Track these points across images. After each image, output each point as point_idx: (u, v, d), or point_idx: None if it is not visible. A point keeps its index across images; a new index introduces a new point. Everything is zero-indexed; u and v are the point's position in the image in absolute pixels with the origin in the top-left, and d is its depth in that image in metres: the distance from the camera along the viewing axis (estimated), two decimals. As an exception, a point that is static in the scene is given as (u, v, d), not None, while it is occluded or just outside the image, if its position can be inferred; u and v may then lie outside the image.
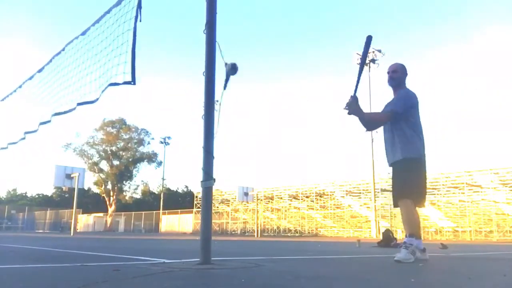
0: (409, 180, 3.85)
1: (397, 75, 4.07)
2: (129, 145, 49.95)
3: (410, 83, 4.08)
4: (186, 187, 67.21)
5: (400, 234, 18.44)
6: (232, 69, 3.21)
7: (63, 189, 50.43)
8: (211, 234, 3.02)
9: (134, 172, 51.40)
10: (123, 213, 48.86)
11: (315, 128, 79.42)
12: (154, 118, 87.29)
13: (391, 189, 4.10)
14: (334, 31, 72.80)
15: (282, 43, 76.06)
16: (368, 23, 66.46)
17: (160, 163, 50.02)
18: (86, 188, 51.80)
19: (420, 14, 65.12)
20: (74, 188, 20.24)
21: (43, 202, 60.15)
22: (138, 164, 51.06)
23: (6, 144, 5.86)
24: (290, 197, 36.78)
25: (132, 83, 3.11)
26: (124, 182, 50.92)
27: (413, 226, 3.75)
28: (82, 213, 46.97)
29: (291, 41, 73.99)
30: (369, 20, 66.93)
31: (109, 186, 49.60)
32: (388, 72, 4.13)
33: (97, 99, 3.42)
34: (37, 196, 67.81)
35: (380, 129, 4.22)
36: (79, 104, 3.66)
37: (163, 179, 49.61)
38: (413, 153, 3.86)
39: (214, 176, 3.05)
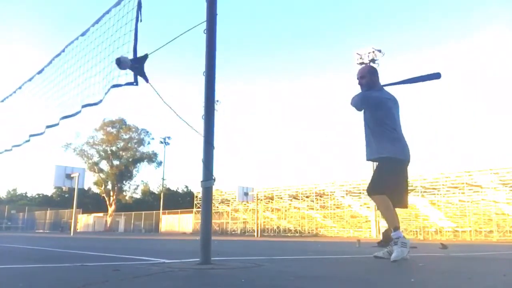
0: (384, 178, 3.83)
1: (364, 80, 4.04)
2: (129, 145, 49.92)
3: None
4: (186, 187, 67.29)
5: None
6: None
7: (63, 189, 50.49)
8: (211, 234, 3.02)
9: (134, 172, 51.41)
10: (123, 213, 48.85)
11: (315, 128, 79.45)
12: (154, 118, 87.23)
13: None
14: (333, 31, 72.79)
15: (283, 42, 76.09)
16: (368, 22, 66.53)
17: (160, 163, 50.04)
18: (86, 188, 51.82)
19: (419, 14, 65.11)
20: (74, 188, 20.25)
21: (43, 202, 60.15)
22: (138, 164, 51.06)
23: (10, 146, 5.85)
24: (290, 197, 36.78)
25: (134, 83, 3.11)
26: (124, 182, 50.92)
27: (394, 219, 3.73)
28: (82, 213, 46.98)
29: (292, 40, 74.03)
30: (369, 20, 66.97)
31: (109, 186, 49.58)
32: (357, 79, 4.11)
33: (101, 100, 3.42)
34: (37, 196, 67.83)
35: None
36: (83, 106, 3.66)
37: (163, 179, 49.63)
38: (387, 152, 3.85)
39: (214, 175, 3.05)
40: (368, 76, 4.04)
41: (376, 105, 3.97)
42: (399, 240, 3.58)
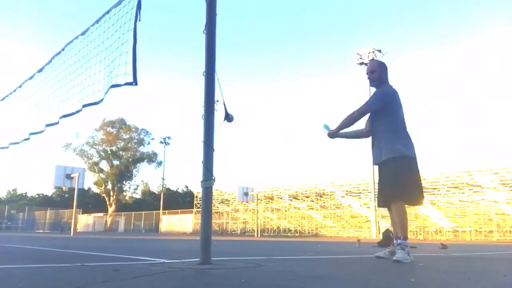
0: (399, 180, 3.74)
1: (375, 75, 4.01)
2: (129, 145, 49.92)
3: (410, 83, 4.04)
4: (186, 187, 67.29)
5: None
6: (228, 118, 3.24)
7: (63, 189, 50.41)
8: (211, 234, 3.02)
9: (134, 172, 51.39)
10: (123, 213, 48.85)
11: (316, 127, 79.27)
12: (154, 118, 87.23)
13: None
14: (333, 31, 72.80)
15: (284, 42, 76.08)
16: (368, 22, 66.54)
17: (160, 163, 50.06)
18: (86, 188, 51.76)
19: (420, 13, 65.11)
20: (74, 188, 20.26)
21: (43, 202, 60.12)
22: (138, 164, 51.05)
23: (7, 144, 5.86)
24: (290, 197, 36.78)
25: (133, 83, 3.11)
26: (124, 182, 50.90)
27: (406, 229, 3.73)
28: (82, 213, 46.96)
29: (292, 40, 74.02)
30: (369, 20, 66.98)
31: (109, 186, 49.58)
32: (366, 73, 4.08)
33: (102, 100, 3.42)
34: (37, 196, 67.78)
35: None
36: (84, 105, 3.66)
37: (163, 179, 49.66)
38: (397, 151, 3.79)
39: (214, 175, 3.05)
40: (379, 71, 4.02)
41: (393, 102, 3.91)
42: (406, 248, 3.60)
